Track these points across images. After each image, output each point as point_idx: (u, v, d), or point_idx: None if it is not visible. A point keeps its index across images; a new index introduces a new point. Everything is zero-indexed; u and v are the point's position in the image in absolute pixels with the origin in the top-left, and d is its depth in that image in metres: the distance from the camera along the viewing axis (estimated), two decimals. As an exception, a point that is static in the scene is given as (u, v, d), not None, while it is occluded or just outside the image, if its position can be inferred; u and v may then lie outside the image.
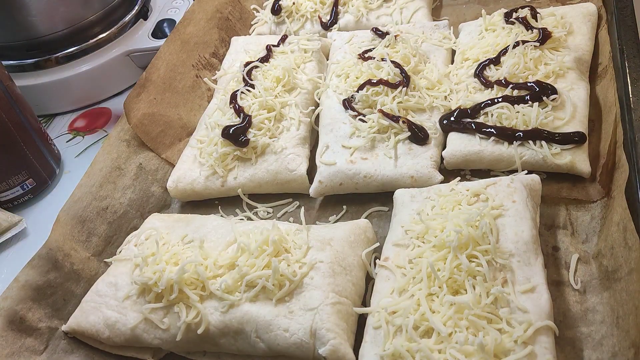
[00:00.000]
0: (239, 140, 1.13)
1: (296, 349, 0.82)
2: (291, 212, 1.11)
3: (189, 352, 0.89)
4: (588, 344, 0.78)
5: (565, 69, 1.09)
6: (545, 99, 1.03)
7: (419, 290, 0.79)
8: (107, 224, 1.12)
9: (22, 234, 1.20)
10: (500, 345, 0.71)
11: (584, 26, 1.18)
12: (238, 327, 0.84)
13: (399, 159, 1.06)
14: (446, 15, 1.47)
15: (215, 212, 1.14)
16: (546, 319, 0.74)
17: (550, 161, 0.97)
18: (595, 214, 0.93)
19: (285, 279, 0.85)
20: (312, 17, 1.49)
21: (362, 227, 0.96)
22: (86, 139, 1.44)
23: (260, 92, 1.20)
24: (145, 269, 0.89)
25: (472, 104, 1.08)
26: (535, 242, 0.84)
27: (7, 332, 0.92)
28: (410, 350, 0.73)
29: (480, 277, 0.78)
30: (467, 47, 1.23)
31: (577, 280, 0.86)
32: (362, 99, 1.14)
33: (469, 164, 1.05)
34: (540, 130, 0.99)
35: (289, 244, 0.91)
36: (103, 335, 0.90)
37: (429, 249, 0.84)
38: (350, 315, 0.84)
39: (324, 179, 1.08)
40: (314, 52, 1.33)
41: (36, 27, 1.41)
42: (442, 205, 0.91)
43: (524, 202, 0.88)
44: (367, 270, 0.92)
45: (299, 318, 0.82)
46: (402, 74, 1.15)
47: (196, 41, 1.46)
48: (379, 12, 1.44)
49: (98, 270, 1.05)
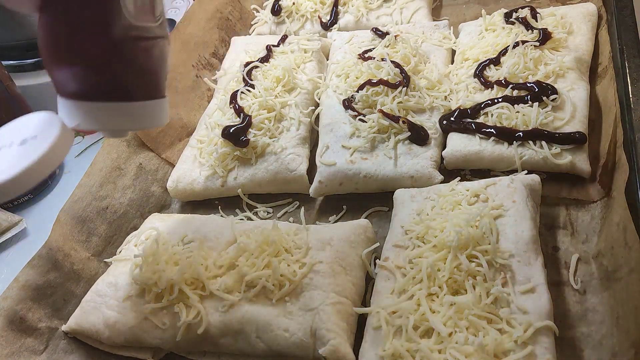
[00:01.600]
0: (239, 140, 1.13)
1: (296, 349, 0.82)
2: (291, 212, 1.11)
3: (189, 352, 0.89)
4: (588, 344, 0.78)
5: (565, 69, 1.09)
6: (545, 99, 1.03)
7: (419, 290, 0.79)
8: (107, 224, 1.12)
9: (22, 234, 1.20)
10: (500, 345, 0.71)
11: (584, 26, 1.18)
12: (238, 327, 0.84)
13: (399, 159, 1.06)
14: (446, 15, 1.47)
15: (215, 212, 1.14)
16: (546, 319, 0.74)
17: (551, 161, 0.97)
18: (595, 214, 0.93)
19: (285, 279, 0.85)
20: (312, 17, 1.49)
21: (362, 227, 0.96)
22: (86, 139, 1.44)
23: (260, 92, 1.20)
24: (145, 269, 0.89)
25: (472, 104, 1.08)
26: (535, 242, 0.84)
27: (7, 332, 0.92)
28: (410, 350, 0.73)
29: (480, 277, 0.78)
30: (467, 47, 1.23)
31: (577, 280, 0.86)
32: (362, 99, 1.14)
33: (469, 164, 1.05)
34: (540, 130, 0.99)
35: (289, 244, 0.91)
36: (103, 335, 0.90)
37: (429, 249, 0.84)
38: (350, 315, 0.84)
39: (324, 179, 1.08)
40: (314, 52, 1.33)
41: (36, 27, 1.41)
42: (442, 205, 0.91)
43: (524, 202, 0.88)
44: (367, 270, 0.92)
45: (299, 318, 0.82)
46: (402, 74, 1.15)
47: (196, 41, 1.46)
48: (379, 12, 1.44)
49: (98, 270, 1.05)
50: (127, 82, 0.69)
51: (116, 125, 0.73)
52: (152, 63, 0.71)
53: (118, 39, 0.66)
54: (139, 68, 0.70)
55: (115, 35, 0.65)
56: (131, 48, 0.68)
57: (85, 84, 0.67)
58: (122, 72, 0.68)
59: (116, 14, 0.65)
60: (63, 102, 0.70)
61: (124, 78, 0.69)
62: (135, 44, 0.68)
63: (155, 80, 0.73)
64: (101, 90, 0.68)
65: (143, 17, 0.68)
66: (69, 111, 0.69)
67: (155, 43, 0.71)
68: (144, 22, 0.68)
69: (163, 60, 0.73)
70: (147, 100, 0.72)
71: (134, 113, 0.71)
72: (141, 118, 0.73)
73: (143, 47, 0.69)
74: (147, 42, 0.69)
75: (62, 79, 0.68)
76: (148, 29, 0.69)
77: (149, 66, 0.71)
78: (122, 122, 0.72)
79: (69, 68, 0.67)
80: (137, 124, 0.75)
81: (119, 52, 0.67)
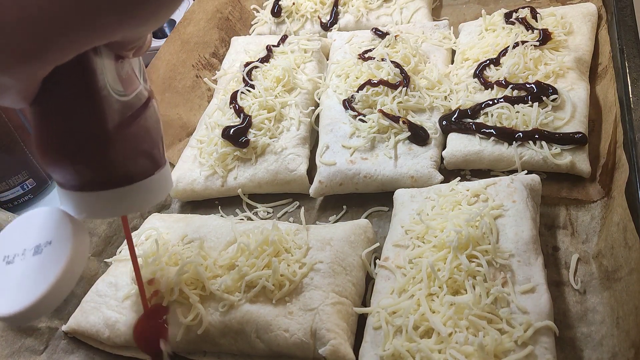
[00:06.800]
0: (239, 141, 1.13)
1: (296, 349, 0.82)
2: (291, 212, 1.11)
3: (189, 352, 0.89)
4: (588, 344, 0.78)
5: (565, 69, 1.09)
6: (545, 99, 1.03)
7: (419, 290, 0.79)
8: (107, 224, 1.12)
9: (22, 234, 1.20)
10: (500, 345, 0.71)
11: (584, 26, 1.18)
12: (238, 327, 0.84)
13: (399, 159, 1.06)
14: (446, 15, 1.47)
15: (215, 212, 1.14)
16: (546, 319, 0.74)
17: (551, 161, 0.97)
18: (595, 214, 0.93)
19: (285, 279, 0.85)
20: (312, 17, 1.49)
21: (362, 227, 0.96)
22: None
23: (260, 92, 1.20)
24: (145, 269, 0.89)
25: (472, 104, 1.08)
26: (535, 242, 0.84)
27: (7, 332, 0.92)
28: (410, 350, 0.73)
29: (480, 277, 0.78)
30: (467, 47, 1.23)
31: (577, 280, 0.86)
32: (362, 99, 1.14)
33: (469, 164, 1.05)
34: (540, 131, 0.99)
35: (289, 244, 0.91)
36: (103, 335, 0.90)
37: (429, 249, 0.84)
38: (351, 315, 0.84)
39: (324, 179, 1.08)
40: (314, 52, 1.33)
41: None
42: (442, 205, 0.91)
43: (524, 202, 0.88)
44: (367, 270, 0.92)
45: (299, 318, 0.82)
46: (402, 74, 1.15)
47: (196, 41, 1.46)
48: (379, 12, 1.44)
49: (98, 270, 1.05)
50: (130, 165, 0.63)
51: (127, 209, 0.67)
52: (151, 134, 0.65)
53: (115, 126, 0.59)
54: (141, 145, 0.64)
55: (110, 123, 0.58)
56: (130, 129, 0.62)
57: (88, 176, 0.61)
58: (126, 157, 0.62)
59: (105, 102, 0.58)
60: (65, 194, 0.63)
61: (128, 162, 0.63)
62: (132, 122, 0.62)
63: (157, 151, 0.67)
64: (105, 179, 0.62)
65: (130, 87, 0.62)
66: (74, 204, 0.63)
67: (147, 110, 0.64)
68: (132, 92, 0.62)
69: (158, 125, 0.67)
70: (154, 174, 0.66)
71: (143, 190, 0.65)
72: (151, 193, 0.67)
73: (139, 122, 0.63)
74: (142, 113, 0.63)
75: (62, 175, 0.61)
76: (138, 96, 0.63)
77: (149, 138, 0.65)
78: (133, 203, 0.65)
79: (69, 165, 0.60)
80: (149, 201, 0.68)
81: (121, 139, 0.61)
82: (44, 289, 0.57)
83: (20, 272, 0.60)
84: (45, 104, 0.56)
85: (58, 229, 0.62)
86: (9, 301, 0.58)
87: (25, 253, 0.61)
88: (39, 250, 0.61)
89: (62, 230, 0.62)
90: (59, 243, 0.61)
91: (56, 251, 0.60)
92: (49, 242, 0.61)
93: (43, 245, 0.61)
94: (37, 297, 0.57)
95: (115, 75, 0.59)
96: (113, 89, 0.58)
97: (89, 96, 0.57)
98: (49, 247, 0.61)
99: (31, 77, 0.50)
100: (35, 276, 0.59)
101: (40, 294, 0.57)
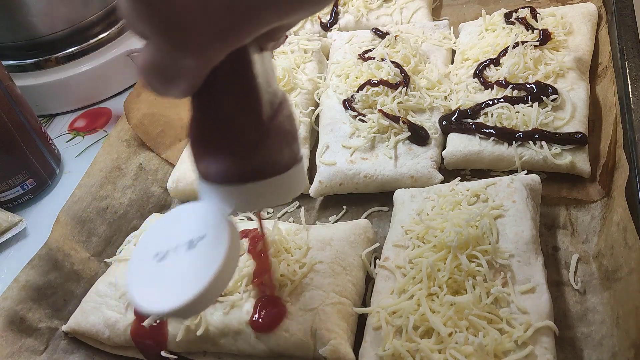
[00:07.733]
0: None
1: (296, 349, 0.82)
2: (291, 212, 1.11)
3: (189, 352, 0.89)
4: (588, 344, 0.78)
5: (565, 69, 1.09)
6: (545, 99, 1.03)
7: (419, 290, 0.79)
8: (107, 224, 1.12)
9: (22, 234, 1.20)
10: (500, 345, 0.71)
11: (584, 26, 1.18)
12: (238, 327, 0.84)
13: (399, 159, 1.06)
14: (446, 15, 1.47)
15: (215, 212, 1.13)
16: (546, 319, 0.74)
17: (551, 161, 0.97)
18: (595, 214, 0.93)
19: (285, 279, 0.85)
20: (312, 17, 1.49)
21: (362, 227, 0.96)
22: (86, 139, 1.44)
23: (260, 92, 1.20)
24: (145, 269, 0.89)
25: (472, 104, 1.08)
26: (535, 242, 0.84)
27: (7, 332, 0.92)
28: (410, 350, 0.73)
29: (480, 277, 0.78)
30: (467, 47, 1.23)
31: (577, 280, 0.86)
32: (362, 99, 1.14)
33: (469, 164, 1.05)
34: (540, 131, 0.99)
35: (289, 244, 0.91)
36: (103, 335, 0.90)
37: (429, 249, 0.84)
38: (351, 315, 0.84)
39: (324, 179, 1.08)
40: (314, 52, 1.33)
41: (36, 27, 1.41)
42: (442, 205, 0.91)
43: (524, 202, 0.88)
44: (367, 270, 0.92)
45: (299, 318, 0.82)
46: (402, 74, 1.15)
47: (196, 41, 1.46)
48: (379, 12, 1.44)
49: (98, 270, 1.05)
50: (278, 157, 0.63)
51: (271, 201, 0.67)
52: (292, 127, 0.66)
53: (268, 117, 0.61)
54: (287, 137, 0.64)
55: (265, 114, 0.60)
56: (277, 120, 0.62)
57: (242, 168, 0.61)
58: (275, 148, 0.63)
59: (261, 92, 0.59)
60: (210, 188, 0.63)
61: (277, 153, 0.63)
62: (279, 113, 0.63)
63: (297, 144, 0.67)
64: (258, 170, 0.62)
65: (272, 80, 0.63)
66: (219, 197, 0.63)
67: (286, 102, 0.65)
68: (273, 85, 0.63)
69: (294, 118, 0.67)
70: (295, 166, 0.66)
71: (285, 183, 0.65)
72: (291, 186, 0.67)
73: (283, 114, 0.64)
74: (284, 105, 0.64)
75: (214, 166, 0.61)
76: (277, 89, 0.64)
77: (292, 130, 0.66)
78: (278, 196, 0.66)
79: (228, 156, 0.61)
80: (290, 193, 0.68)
81: (273, 129, 0.62)
82: (208, 279, 0.58)
83: (177, 267, 0.61)
84: (206, 94, 0.57)
85: (209, 223, 0.63)
86: (174, 295, 0.59)
87: (178, 249, 0.62)
88: (192, 245, 0.62)
89: (213, 222, 0.62)
90: (214, 235, 0.61)
91: (212, 243, 0.61)
92: (201, 237, 0.62)
93: (196, 240, 0.62)
94: (205, 286, 0.58)
95: (260, 67, 0.60)
96: (262, 80, 0.60)
97: (249, 86, 0.58)
98: (203, 240, 0.61)
99: (213, 60, 0.50)
100: (195, 269, 0.59)
101: (207, 282, 0.58)
